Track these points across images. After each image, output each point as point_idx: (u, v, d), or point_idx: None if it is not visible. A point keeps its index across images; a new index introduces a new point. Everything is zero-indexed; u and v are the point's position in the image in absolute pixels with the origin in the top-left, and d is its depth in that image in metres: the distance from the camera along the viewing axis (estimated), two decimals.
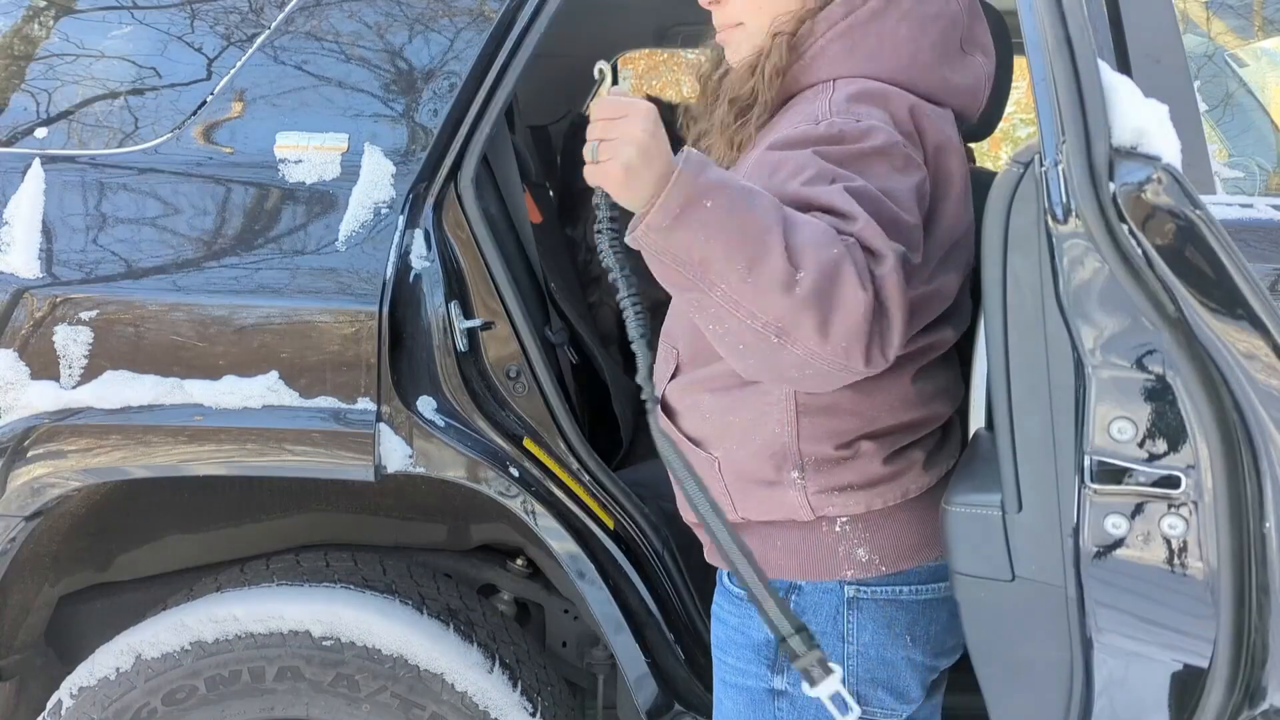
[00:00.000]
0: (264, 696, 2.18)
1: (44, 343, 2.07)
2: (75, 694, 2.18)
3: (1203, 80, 2.34)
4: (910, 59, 1.63)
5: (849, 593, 1.67)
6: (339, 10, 2.21)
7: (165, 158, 2.16)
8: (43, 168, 2.14)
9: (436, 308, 2.10)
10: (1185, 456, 1.45)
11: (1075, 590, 1.54)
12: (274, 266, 2.10)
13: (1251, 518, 1.45)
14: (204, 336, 2.07)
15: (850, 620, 1.67)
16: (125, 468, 2.09)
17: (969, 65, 1.69)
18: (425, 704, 2.18)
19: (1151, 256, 1.40)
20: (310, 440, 2.07)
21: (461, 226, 2.15)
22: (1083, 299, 1.46)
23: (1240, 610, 1.47)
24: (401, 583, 2.33)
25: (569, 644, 2.57)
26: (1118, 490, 1.49)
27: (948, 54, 1.66)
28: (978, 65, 1.69)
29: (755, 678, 1.72)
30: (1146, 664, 1.56)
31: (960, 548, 1.64)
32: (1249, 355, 1.40)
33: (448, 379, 2.12)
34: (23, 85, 2.24)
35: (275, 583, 2.28)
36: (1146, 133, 1.42)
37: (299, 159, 2.14)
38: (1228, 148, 2.49)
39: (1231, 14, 2.59)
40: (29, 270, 2.09)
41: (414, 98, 2.17)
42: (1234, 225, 1.94)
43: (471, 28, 2.19)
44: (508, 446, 2.14)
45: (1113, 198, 1.41)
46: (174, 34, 2.23)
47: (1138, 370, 1.45)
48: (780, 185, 1.47)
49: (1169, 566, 1.49)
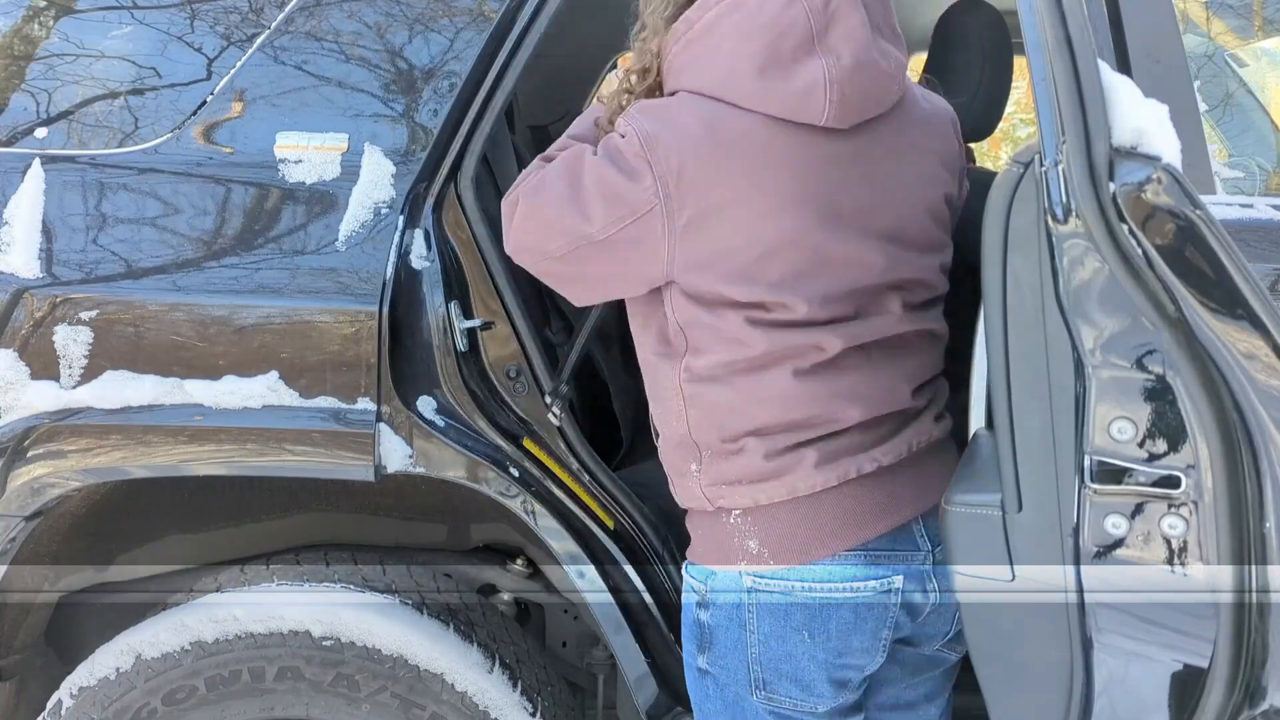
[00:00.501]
0: (264, 696, 2.18)
1: (44, 343, 2.07)
2: (75, 694, 2.18)
3: (1203, 80, 2.34)
4: (727, 72, 1.65)
5: (747, 583, 1.73)
6: (339, 10, 2.21)
7: (165, 158, 2.16)
8: (43, 168, 2.14)
9: (436, 308, 2.10)
10: (1185, 456, 1.45)
11: (1075, 590, 1.55)
12: (274, 266, 2.10)
13: (1251, 518, 1.45)
14: (204, 336, 2.07)
15: (750, 610, 1.73)
16: (125, 468, 2.08)
17: (801, 71, 1.63)
18: (425, 704, 2.18)
19: (1151, 256, 1.41)
20: (310, 440, 2.07)
21: (461, 226, 2.15)
22: (1083, 299, 1.46)
23: (1240, 610, 1.47)
24: (401, 583, 2.33)
25: (569, 644, 2.57)
26: (1118, 490, 1.49)
27: (772, 62, 1.63)
28: (814, 68, 1.62)
29: (691, 655, 1.84)
30: (1146, 664, 1.56)
31: (960, 548, 1.64)
32: (1249, 355, 1.40)
33: (448, 379, 2.12)
34: (23, 85, 2.24)
35: (275, 583, 2.28)
36: (1146, 133, 1.42)
37: (299, 159, 2.14)
38: (1228, 148, 2.50)
39: (1231, 14, 2.59)
40: (29, 270, 2.09)
41: (414, 98, 2.17)
42: (1234, 225, 1.94)
43: (471, 28, 2.19)
44: (508, 446, 2.14)
45: (1113, 198, 1.41)
46: (174, 34, 2.23)
47: (1138, 370, 1.45)
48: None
49: (1169, 566, 1.49)
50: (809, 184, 1.65)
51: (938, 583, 1.75)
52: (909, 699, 1.92)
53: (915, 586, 1.74)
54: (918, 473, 1.75)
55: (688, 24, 1.69)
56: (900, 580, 1.72)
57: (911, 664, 1.88)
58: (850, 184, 1.68)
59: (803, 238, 1.65)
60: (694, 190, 1.63)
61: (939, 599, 1.76)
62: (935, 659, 1.88)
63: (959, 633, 1.81)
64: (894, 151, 1.73)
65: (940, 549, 1.73)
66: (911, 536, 1.74)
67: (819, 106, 1.62)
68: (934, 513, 1.71)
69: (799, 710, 1.76)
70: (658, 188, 1.63)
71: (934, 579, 1.75)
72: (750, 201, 1.64)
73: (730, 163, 1.64)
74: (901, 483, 1.74)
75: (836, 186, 1.67)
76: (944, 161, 1.81)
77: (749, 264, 1.65)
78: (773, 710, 1.77)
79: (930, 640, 1.84)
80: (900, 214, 1.73)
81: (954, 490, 1.65)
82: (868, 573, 1.71)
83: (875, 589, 1.71)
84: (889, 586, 1.72)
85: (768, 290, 1.65)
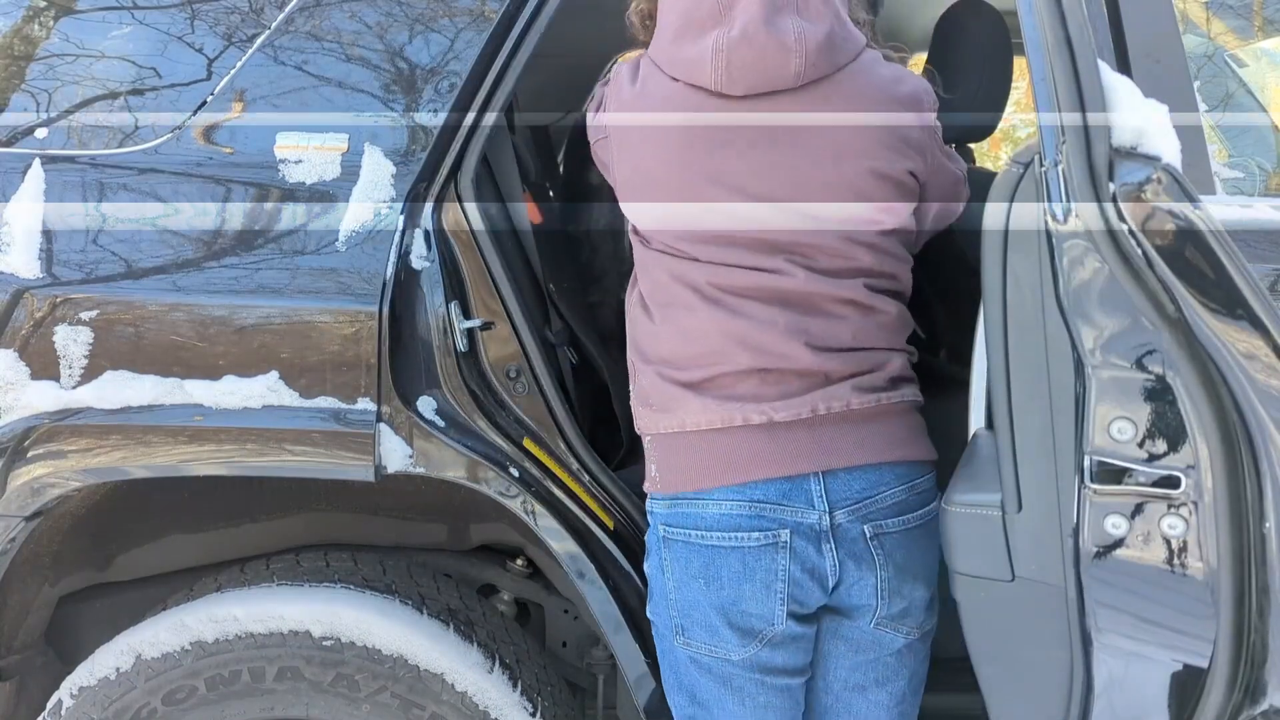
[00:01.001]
0: (264, 696, 2.18)
1: (44, 343, 2.07)
2: (75, 694, 2.18)
3: (1203, 80, 2.34)
4: (659, 36, 1.91)
5: (661, 532, 1.91)
6: (339, 10, 2.21)
7: (165, 158, 2.16)
8: (43, 168, 2.14)
9: (436, 308, 2.10)
10: (1185, 457, 1.45)
11: (1075, 590, 1.55)
12: (274, 267, 2.10)
13: (1251, 518, 1.45)
14: (204, 336, 2.07)
15: (666, 557, 1.91)
16: (125, 468, 2.08)
17: (703, 40, 1.82)
18: (425, 704, 2.18)
19: (1151, 257, 1.41)
20: (310, 440, 2.07)
21: (461, 226, 2.15)
22: (1083, 299, 1.47)
23: (1240, 610, 1.47)
24: (401, 583, 2.33)
25: (569, 644, 2.57)
26: (1118, 490, 1.49)
27: (683, 32, 1.85)
28: (708, 40, 1.82)
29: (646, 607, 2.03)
30: (1146, 664, 1.56)
31: (960, 548, 1.64)
32: (1249, 356, 1.40)
33: (448, 379, 2.12)
34: (23, 85, 2.24)
35: (275, 583, 2.27)
36: (1146, 133, 1.43)
37: (299, 159, 2.14)
38: (1228, 148, 2.49)
39: (1231, 14, 2.59)
40: (29, 270, 2.09)
41: (414, 98, 2.17)
42: (1234, 226, 1.94)
43: (471, 28, 2.19)
44: (508, 447, 2.14)
45: (1113, 198, 1.41)
46: (174, 34, 2.23)
47: (1138, 370, 1.46)
48: None
49: (1169, 566, 1.49)
50: (694, 139, 1.85)
51: (838, 548, 1.82)
52: (859, 681, 1.94)
53: (809, 546, 1.82)
54: (823, 434, 1.82)
55: None
56: (787, 534, 1.81)
57: (853, 640, 1.91)
58: (734, 146, 1.84)
59: (677, 180, 1.86)
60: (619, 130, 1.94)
61: (850, 567, 1.83)
62: (879, 639, 1.90)
63: (903, 612, 1.86)
64: (800, 123, 1.85)
65: (844, 513, 1.81)
66: (806, 494, 1.82)
67: (707, 71, 1.81)
68: (841, 477, 1.81)
69: (713, 656, 1.88)
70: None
71: (833, 542, 1.82)
72: (645, 144, 1.90)
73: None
74: (799, 439, 1.82)
75: (718, 145, 1.85)
76: (882, 137, 1.85)
77: (642, 193, 1.91)
78: (691, 656, 1.91)
79: (860, 613, 1.87)
80: (794, 180, 1.84)
81: (953, 490, 1.65)
82: (753, 523, 1.82)
83: (760, 540, 1.81)
84: (774, 540, 1.81)
85: (652, 221, 1.91)
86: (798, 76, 1.81)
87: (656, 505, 1.93)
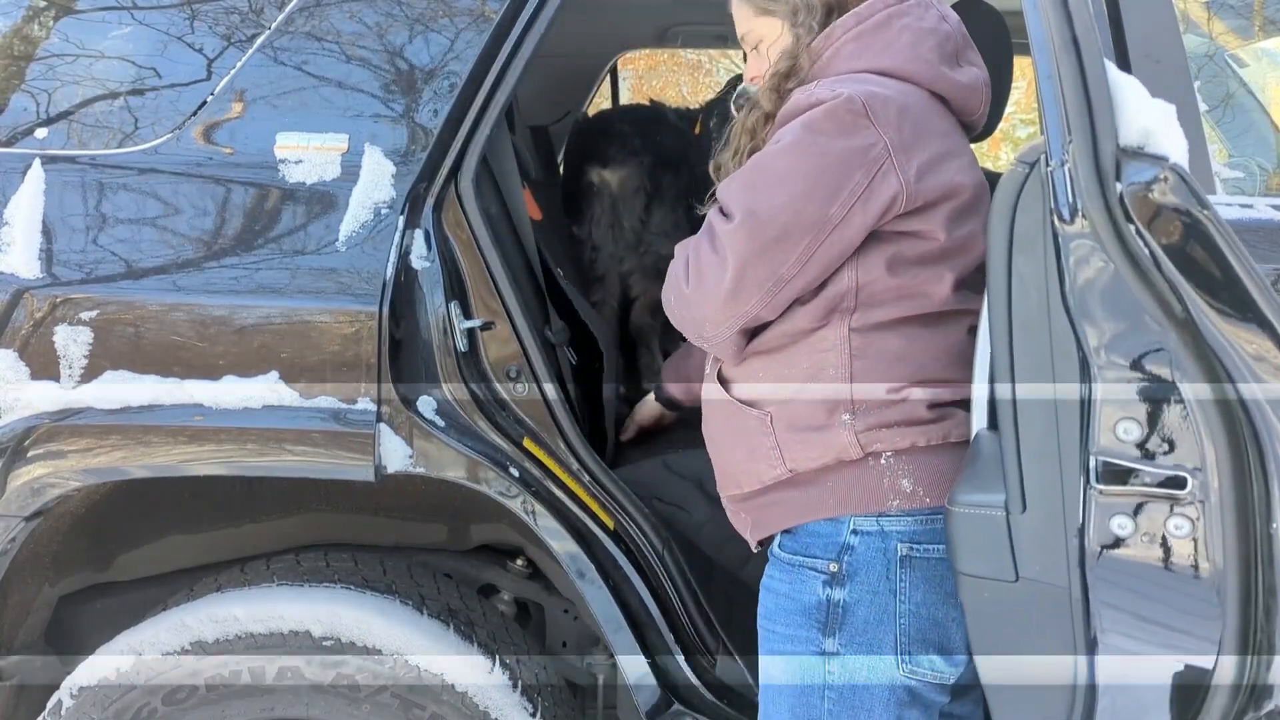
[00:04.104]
0: (264, 696, 2.18)
1: (44, 343, 2.06)
2: (75, 694, 2.18)
3: (1203, 80, 2.34)
4: (913, 55, 1.80)
5: (901, 550, 1.75)
6: (339, 10, 2.21)
7: (165, 158, 2.15)
8: (43, 168, 2.13)
9: (436, 308, 2.10)
10: (1192, 457, 1.45)
11: (1080, 591, 1.54)
12: (274, 267, 2.10)
13: (1258, 518, 1.45)
14: (204, 336, 2.07)
15: (903, 578, 1.75)
16: (125, 468, 2.08)
17: (966, 70, 1.86)
18: (425, 704, 2.18)
19: (1159, 257, 1.41)
20: (310, 440, 2.07)
21: (461, 226, 2.15)
22: (1089, 299, 1.46)
23: (1246, 611, 1.47)
24: (401, 583, 2.33)
25: (569, 644, 2.57)
26: (1123, 490, 1.49)
27: (944, 58, 1.83)
28: (974, 72, 1.87)
29: (806, 642, 1.80)
30: (1151, 665, 1.56)
31: (964, 548, 1.64)
32: (1257, 357, 1.40)
33: (448, 379, 2.11)
34: (23, 85, 2.24)
35: (275, 583, 2.27)
36: (1153, 132, 1.43)
37: (299, 159, 2.13)
38: (1228, 148, 2.50)
39: (1231, 14, 2.59)
40: (29, 270, 2.08)
41: (414, 98, 2.17)
42: (1234, 225, 1.94)
43: (471, 28, 2.18)
44: (508, 446, 2.14)
45: (1120, 198, 1.42)
46: (174, 34, 2.23)
47: (1144, 371, 1.45)
48: None
49: (1174, 567, 1.49)
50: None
51: None
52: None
53: None
54: None
55: (858, 19, 1.84)
56: None
57: None
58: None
59: (977, 197, 1.79)
60: (918, 139, 1.75)
61: None
62: None
63: None
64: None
65: None
66: None
67: (978, 102, 1.87)
68: None
69: (936, 681, 1.78)
70: (885, 141, 1.71)
71: None
72: (954, 156, 1.79)
73: (928, 123, 1.78)
74: None
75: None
76: None
77: (962, 208, 1.77)
78: (909, 685, 1.77)
79: None
80: None
81: (957, 491, 1.65)
82: None
83: None
84: None
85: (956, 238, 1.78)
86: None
87: (897, 524, 1.77)
